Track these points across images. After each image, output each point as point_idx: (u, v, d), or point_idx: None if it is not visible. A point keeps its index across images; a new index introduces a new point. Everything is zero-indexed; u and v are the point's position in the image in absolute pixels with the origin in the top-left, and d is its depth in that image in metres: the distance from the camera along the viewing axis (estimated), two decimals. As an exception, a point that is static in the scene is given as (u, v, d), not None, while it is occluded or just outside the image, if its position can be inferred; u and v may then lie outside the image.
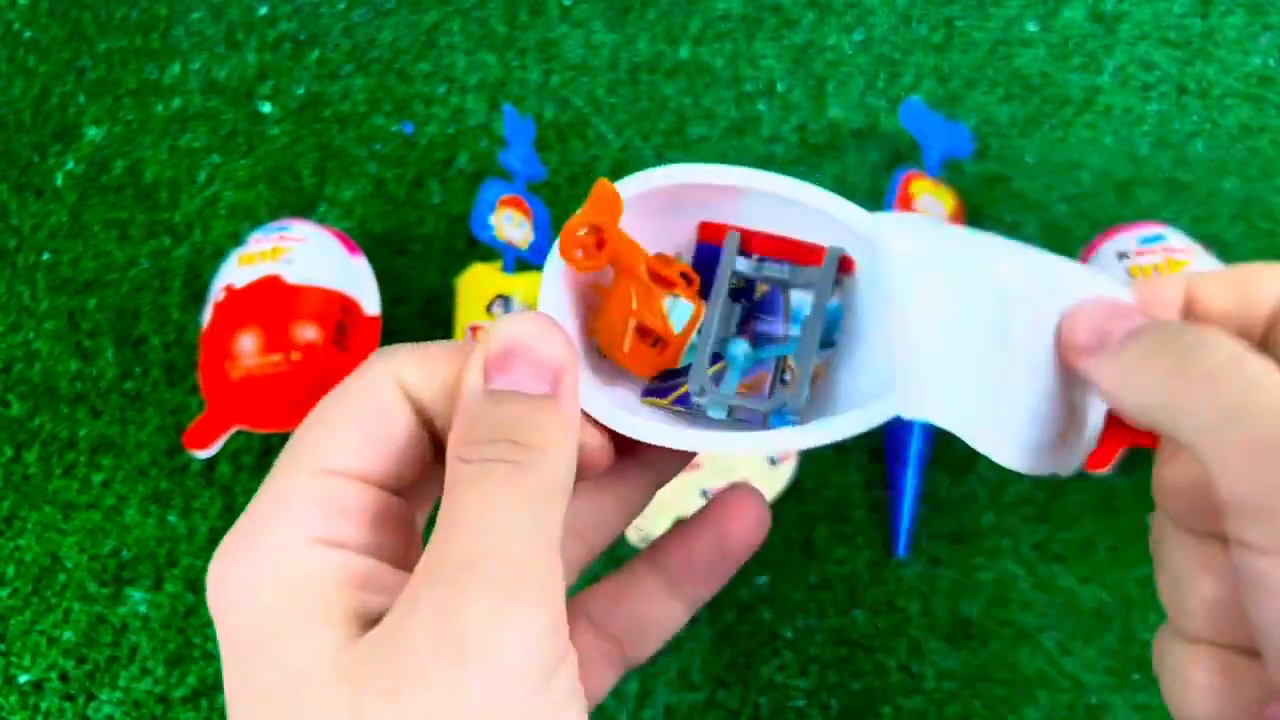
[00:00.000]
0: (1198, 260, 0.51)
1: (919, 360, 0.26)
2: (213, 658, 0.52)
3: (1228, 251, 0.57)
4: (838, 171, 0.63)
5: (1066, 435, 0.25)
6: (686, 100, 0.66)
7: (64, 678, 0.52)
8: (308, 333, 0.52)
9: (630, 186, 0.29)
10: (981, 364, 0.25)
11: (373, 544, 0.22)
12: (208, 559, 0.57)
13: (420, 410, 0.23)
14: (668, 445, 0.26)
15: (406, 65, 0.69)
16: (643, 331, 0.28)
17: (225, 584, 0.21)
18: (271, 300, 0.53)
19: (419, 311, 0.60)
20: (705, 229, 0.30)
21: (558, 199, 0.63)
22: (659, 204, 0.29)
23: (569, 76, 0.67)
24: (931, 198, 0.57)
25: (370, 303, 0.56)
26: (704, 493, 0.49)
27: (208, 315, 0.55)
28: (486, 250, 0.61)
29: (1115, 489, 0.53)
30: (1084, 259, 0.54)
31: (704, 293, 0.29)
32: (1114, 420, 0.25)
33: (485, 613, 0.18)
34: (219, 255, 0.62)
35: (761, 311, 0.30)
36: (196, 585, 0.54)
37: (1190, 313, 0.23)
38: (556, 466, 0.21)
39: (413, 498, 0.24)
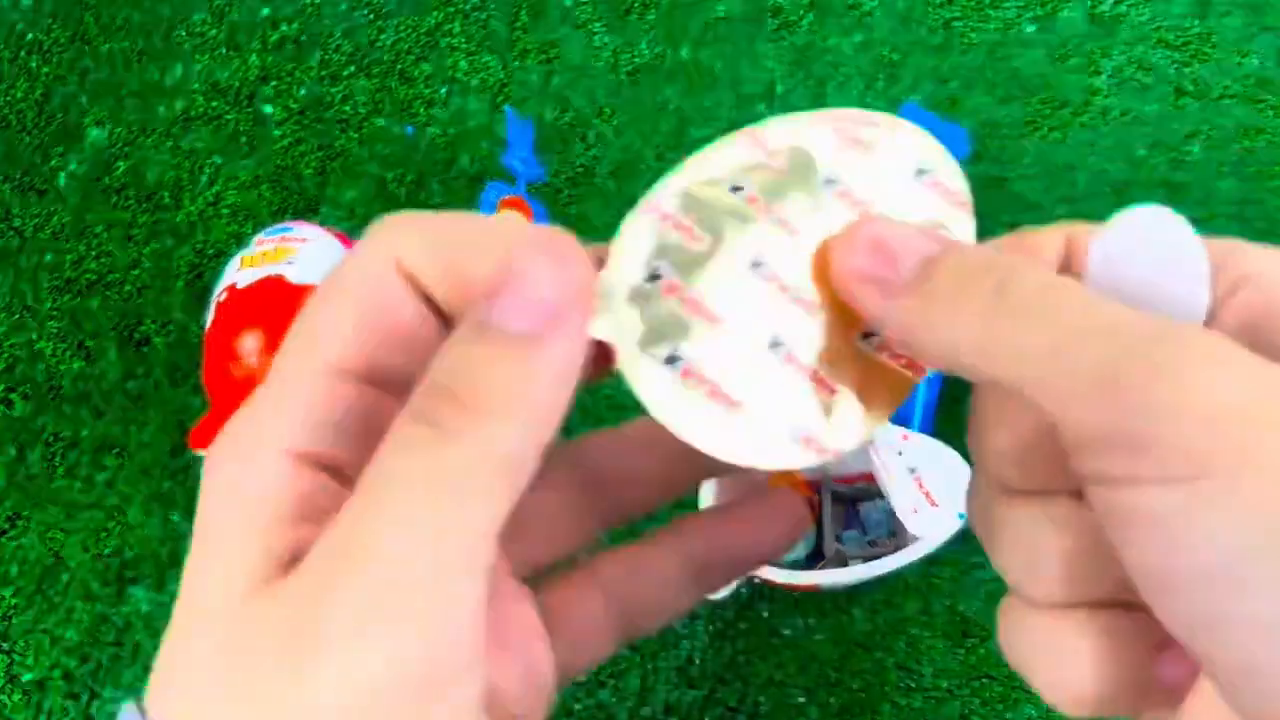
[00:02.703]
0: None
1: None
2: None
3: (1225, 252, 0.58)
4: (837, 172, 0.63)
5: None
6: (687, 102, 0.66)
7: (67, 676, 0.52)
8: (310, 333, 0.53)
9: None
10: None
11: (350, 454, 0.19)
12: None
13: (424, 292, 0.20)
14: (838, 581, 0.48)
15: (408, 67, 0.69)
16: None
17: (209, 482, 0.19)
18: (274, 300, 0.53)
19: (420, 312, 0.60)
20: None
21: (558, 200, 0.63)
22: None
23: (570, 78, 0.68)
24: (930, 199, 0.57)
25: (372, 303, 0.56)
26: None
27: (211, 315, 0.55)
28: (487, 251, 0.61)
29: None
30: (1082, 259, 0.54)
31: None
32: None
33: (344, 621, 0.16)
34: (221, 256, 0.62)
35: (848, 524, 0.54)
36: (199, 584, 0.54)
37: (1069, 267, 0.21)
38: (497, 439, 0.17)
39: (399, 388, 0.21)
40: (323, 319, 0.19)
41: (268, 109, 0.68)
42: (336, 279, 0.20)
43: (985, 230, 0.21)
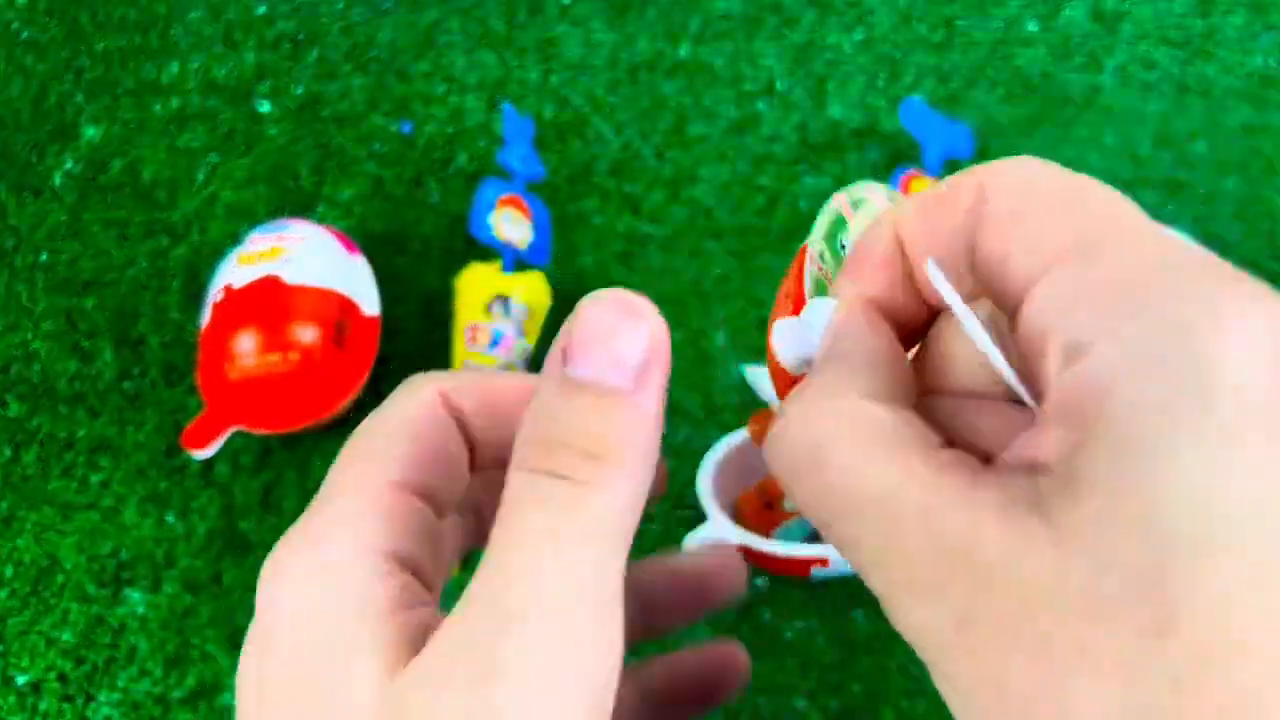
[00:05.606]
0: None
1: None
2: (211, 659, 0.52)
3: (1229, 251, 0.57)
4: (838, 171, 0.63)
5: None
6: (686, 99, 0.66)
7: (62, 679, 0.52)
8: (306, 333, 0.52)
9: None
10: None
11: (421, 562, 0.21)
12: (206, 560, 0.57)
13: (461, 421, 0.22)
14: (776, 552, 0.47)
15: (405, 64, 0.68)
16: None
17: (281, 588, 0.19)
18: (270, 301, 0.53)
19: (418, 311, 0.60)
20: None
21: (557, 198, 0.63)
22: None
23: (568, 76, 0.67)
24: (932, 197, 0.57)
25: (369, 303, 0.56)
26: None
27: (206, 315, 0.54)
28: (485, 250, 0.61)
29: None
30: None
31: None
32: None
33: (527, 684, 0.17)
34: (218, 255, 0.62)
35: None
36: (195, 586, 0.53)
37: (901, 253, 0.20)
38: (626, 487, 0.18)
39: (443, 510, 0.23)
40: (379, 444, 0.21)
41: (264, 107, 0.68)
42: (387, 412, 0.22)
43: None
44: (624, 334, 0.19)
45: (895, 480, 0.16)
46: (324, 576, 0.19)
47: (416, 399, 0.22)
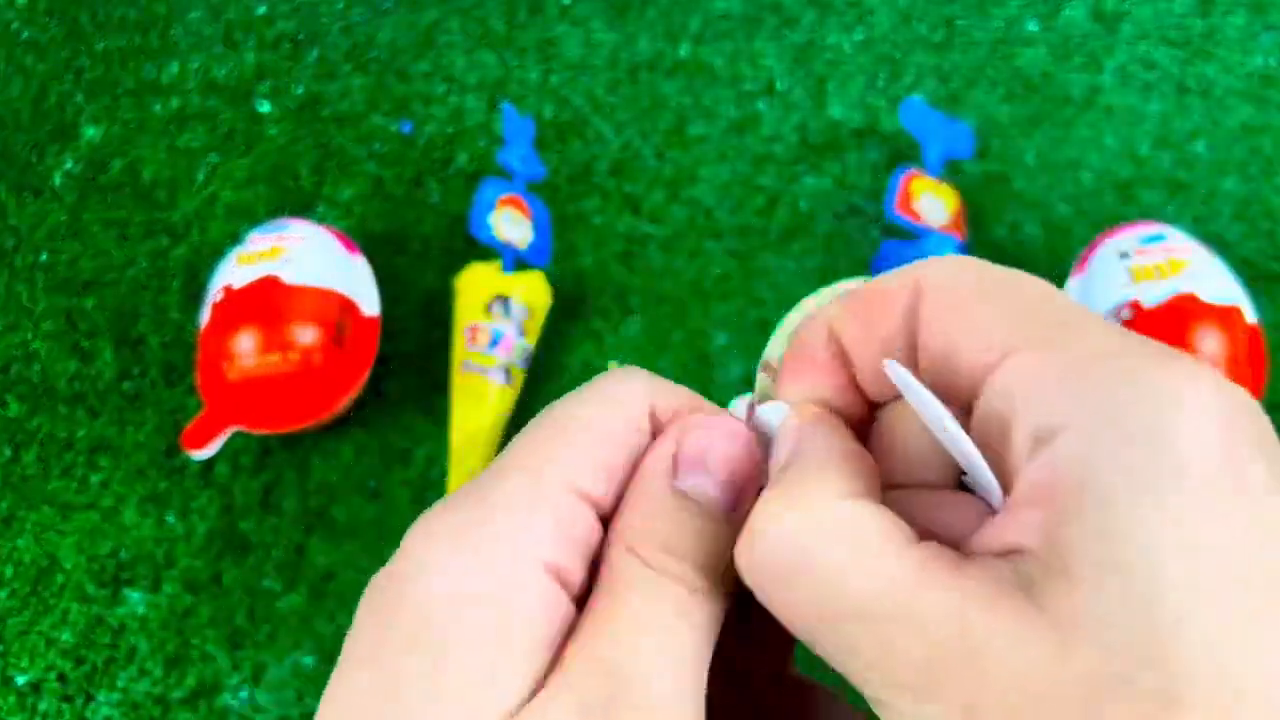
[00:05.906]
0: (1197, 260, 0.51)
1: None
2: (211, 659, 0.52)
3: (1229, 251, 0.57)
4: (837, 171, 0.63)
5: None
6: (686, 99, 0.66)
7: (62, 679, 0.52)
8: (306, 333, 0.52)
9: None
10: None
11: (577, 578, 0.20)
12: (206, 560, 0.56)
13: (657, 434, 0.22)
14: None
15: (405, 64, 0.68)
16: None
17: (432, 567, 0.18)
18: (269, 301, 0.52)
19: (418, 311, 0.60)
20: None
21: (557, 198, 0.63)
22: None
23: (568, 75, 0.67)
24: (932, 197, 0.57)
25: (369, 303, 0.56)
26: None
27: (206, 315, 0.54)
28: (485, 250, 0.61)
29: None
30: (1085, 259, 0.54)
31: None
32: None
33: None
34: (217, 255, 0.62)
35: None
36: (195, 586, 0.53)
37: (840, 353, 0.20)
38: (719, 597, 0.19)
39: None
40: (579, 444, 0.20)
41: (264, 107, 0.67)
42: (600, 408, 0.21)
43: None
44: (729, 456, 0.20)
45: (883, 580, 0.16)
46: (484, 579, 0.18)
47: (631, 403, 0.21)
